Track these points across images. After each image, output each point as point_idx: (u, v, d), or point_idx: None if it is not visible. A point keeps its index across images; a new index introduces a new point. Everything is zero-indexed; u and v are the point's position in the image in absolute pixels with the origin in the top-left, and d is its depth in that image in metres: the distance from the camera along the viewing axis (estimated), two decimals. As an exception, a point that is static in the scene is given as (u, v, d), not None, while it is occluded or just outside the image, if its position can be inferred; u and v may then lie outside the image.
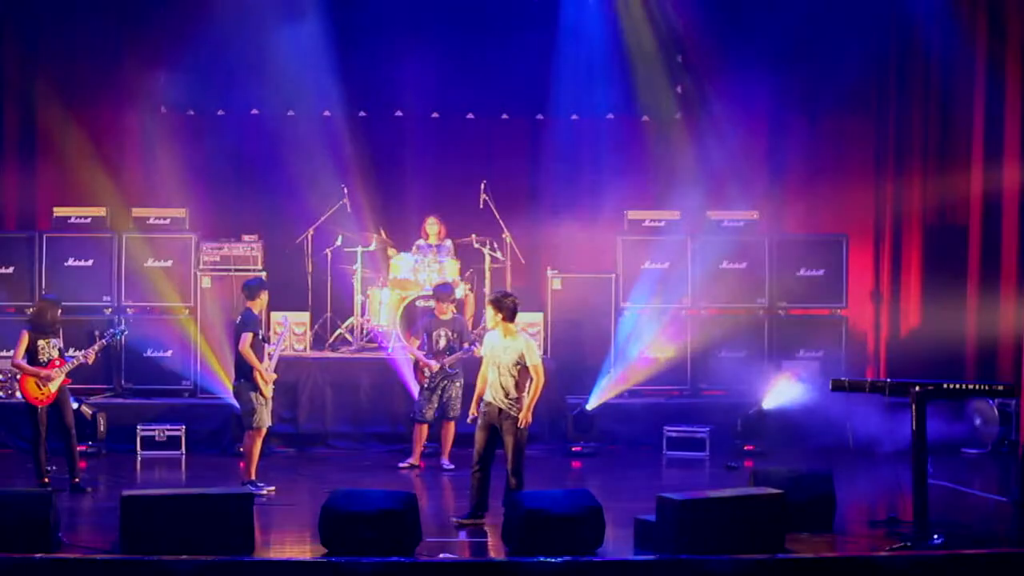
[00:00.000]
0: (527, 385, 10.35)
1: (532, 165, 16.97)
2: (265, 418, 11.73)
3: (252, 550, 9.06)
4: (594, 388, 14.41)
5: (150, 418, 14.04)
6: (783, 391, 14.09)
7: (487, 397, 10.45)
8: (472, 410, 10.62)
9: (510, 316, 10.45)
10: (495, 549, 9.69)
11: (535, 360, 10.35)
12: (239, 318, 11.91)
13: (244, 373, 11.72)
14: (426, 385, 13.06)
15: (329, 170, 15.87)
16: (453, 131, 16.71)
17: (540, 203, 16.80)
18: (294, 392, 14.25)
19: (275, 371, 11.89)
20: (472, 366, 12.12)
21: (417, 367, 13.25)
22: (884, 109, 16.46)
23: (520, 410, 10.29)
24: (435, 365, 13.01)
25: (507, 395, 10.32)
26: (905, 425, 9.98)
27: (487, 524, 10.31)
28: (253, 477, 11.65)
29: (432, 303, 13.60)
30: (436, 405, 13.03)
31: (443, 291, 13.33)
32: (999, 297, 14.82)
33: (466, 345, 13.09)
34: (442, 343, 13.09)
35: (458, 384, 13.09)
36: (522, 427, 10.28)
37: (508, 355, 10.35)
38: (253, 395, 11.65)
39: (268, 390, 11.75)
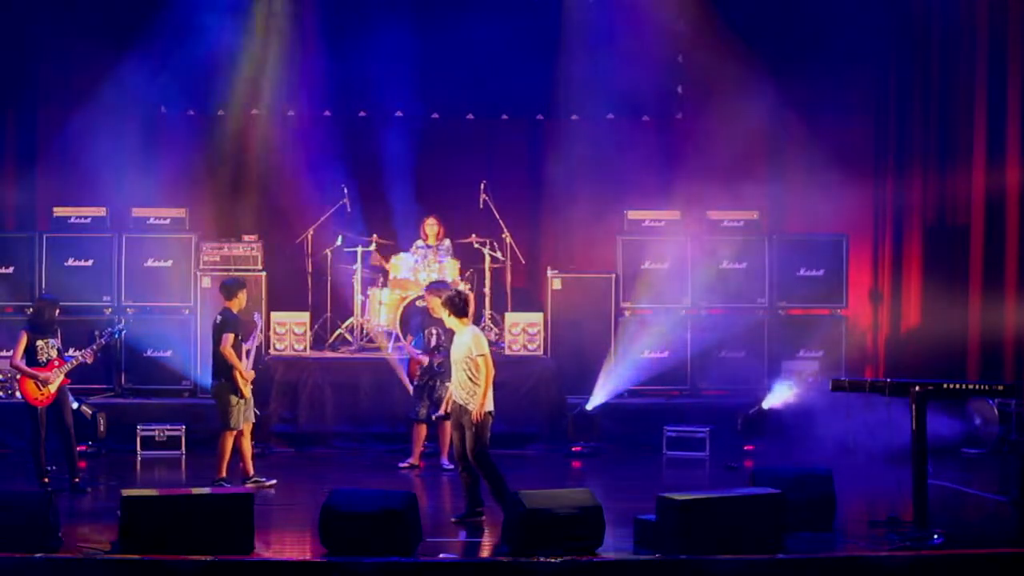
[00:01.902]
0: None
1: (532, 165, 16.97)
2: (241, 419, 11.71)
3: (252, 550, 9.05)
4: (594, 388, 14.41)
5: (150, 418, 14.03)
6: (783, 391, 14.09)
7: (453, 395, 10.46)
8: (443, 408, 10.61)
9: (457, 311, 10.42)
10: (495, 549, 9.68)
11: (482, 350, 10.26)
12: (218, 319, 11.85)
13: (224, 374, 11.68)
14: (417, 383, 13.03)
15: (329, 170, 15.87)
16: (453, 131, 16.68)
17: (540, 203, 16.82)
18: (294, 392, 14.26)
19: (252, 369, 11.87)
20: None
21: (410, 365, 13.24)
22: (884, 109, 16.46)
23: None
24: (425, 360, 12.93)
25: (463, 390, 10.29)
26: (905, 425, 9.98)
27: (487, 524, 10.30)
28: (223, 475, 11.65)
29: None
30: (428, 404, 12.98)
31: (434, 288, 13.14)
32: (999, 297, 14.80)
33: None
34: (433, 340, 12.99)
35: (447, 384, 13.01)
36: (476, 421, 10.20)
37: (460, 350, 10.35)
38: (232, 396, 11.64)
39: (247, 389, 11.74)
